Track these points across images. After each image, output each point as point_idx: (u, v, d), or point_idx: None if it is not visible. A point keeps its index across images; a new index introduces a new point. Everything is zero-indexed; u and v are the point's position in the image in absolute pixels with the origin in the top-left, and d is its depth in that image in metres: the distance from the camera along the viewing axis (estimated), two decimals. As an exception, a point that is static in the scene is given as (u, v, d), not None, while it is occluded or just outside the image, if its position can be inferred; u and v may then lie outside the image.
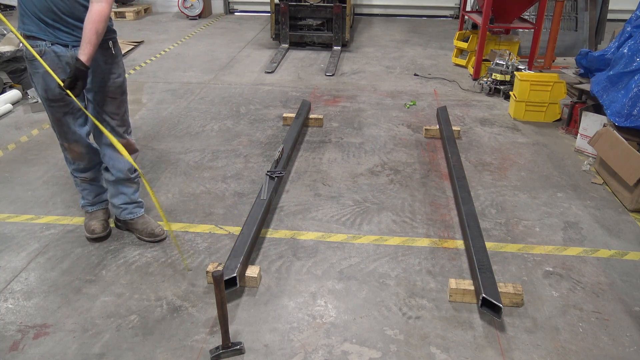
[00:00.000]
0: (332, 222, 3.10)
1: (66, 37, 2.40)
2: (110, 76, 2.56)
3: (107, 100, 2.58)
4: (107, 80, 2.55)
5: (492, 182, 3.58)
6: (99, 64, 2.49)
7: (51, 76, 2.37)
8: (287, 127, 4.37)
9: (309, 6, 6.84)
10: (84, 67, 2.29)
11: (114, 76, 2.57)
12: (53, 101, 2.51)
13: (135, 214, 2.89)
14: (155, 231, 2.87)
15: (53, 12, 2.33)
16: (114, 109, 2.62)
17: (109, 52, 2.53)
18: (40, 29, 2.37)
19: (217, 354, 2.12)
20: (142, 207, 2.93)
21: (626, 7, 8.25)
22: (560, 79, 4.55)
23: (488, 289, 2.33)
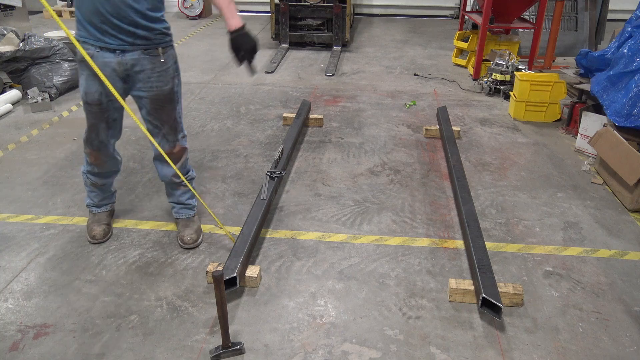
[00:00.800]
0: (332, 222, 3.10)
1: (113, 40, 2.33)
2: (157, 84, 2.47)
3: (155, 108, 2.53)
4: (154, 88, 2.48)
5: (492, 182, 3.58)
6: (147, 70, 2.43)
7: (92, 80, 2.40)
8: (287, 127, 4.37)
9: (309, 6, 6.84)
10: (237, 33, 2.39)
11: (161, 84, 2.48)
12: (90, 105, 2.50)
13: (180, 214, 2.90)
14: (185, 239, 2.82)
15: (100, 14, 2.28)
16: (163, 116, 2.56)
17: (158, 59, 2.44)
18: (89, 34, 2.35)
19: (217, 354, 2.12)
20: (191, 210, 2.91)
21: (626, 7, 8.25)
22: (560, 79, 4.55)
23: (488, 289, 2.33)
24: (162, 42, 2.44)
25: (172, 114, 2.60)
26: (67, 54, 5.19)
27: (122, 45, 2.35)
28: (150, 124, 2.60)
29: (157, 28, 2.39)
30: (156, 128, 2.61)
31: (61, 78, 5.06)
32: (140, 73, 2.42)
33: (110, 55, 2.36)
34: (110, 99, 2.48)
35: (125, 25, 2.31)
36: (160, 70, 2.46)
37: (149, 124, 2.60)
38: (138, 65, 2.40)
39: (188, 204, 2.91)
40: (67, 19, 8.89)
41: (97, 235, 2.86)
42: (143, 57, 2.39)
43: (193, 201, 2.94)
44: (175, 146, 2.68)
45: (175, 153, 2.69)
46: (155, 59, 2.43)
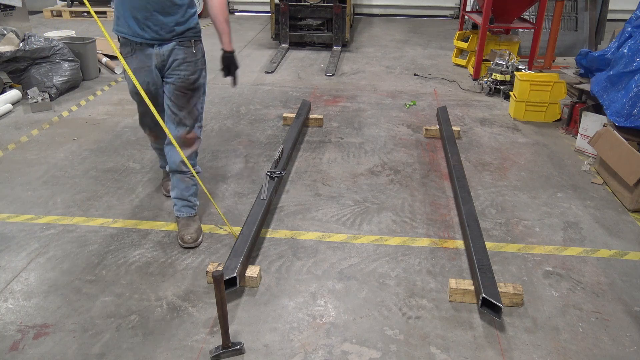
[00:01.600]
0: (332, 222, 3.10)
1: (153, 35, 2.58)
2: (185, 73, 2.70)
3: (177, 93, 2.72)
4: (181, 76, 2.70)
5: (492, 182, 3.58)
6: (179, 59, 2.67)
7: (139, 73, 2.67)
8: (287, 127, 4.37)
9: (309, 6, 6.84)
10: (230, 54, 2.77)
11: (188, 73, 2.71)
12: (138, 95, 2.71)
13: (181, 212, 2.93)
14: (185, 238, 2.84)
15: (146, 9, 2.49)
16: (183, 102, 2.75)
17: (190, 50, 2.71)
18: (130, 30, 2.57)
19: (217, 354, 2.12)
20: (192, 209, 2.95)
21: (626, 7, 8.26)
22: (560, 79, 4.55)
23: (488, 289, 2.33)
24: (195, 36, 2.72)
25: (193, 101, 2.79)
26: (67, 54, 5.19)
27: (160, 40, 2.60)
28: (171, 109, 2.77)
29: (192, 22, 2.68)
30: (175, 113, 2.77)
31: (61, 78, 5.05)
32: (174, 62, 2.67)
33: (150, 49, 2.63)
34: (157, 87, 2.76)
35: (167, 21, 2.56)
36: (191, 61, 2.71)
37: (170, 109, 2.77)
38: (173, 55, 2.66)
39: (190, 201, 2.94)
40: (67, 19, 8.89)
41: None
42: (178, 47, 2.65)
43: (195, 199, 2.97)
44: (190, 132, 2.81)
45: (188, 138, 2.82)
46: (187, 50, 2.69)
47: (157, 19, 2.54)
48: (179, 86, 2.71)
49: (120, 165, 3.74)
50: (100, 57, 6.01)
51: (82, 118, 4.60)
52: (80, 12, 8.98)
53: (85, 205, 3.24)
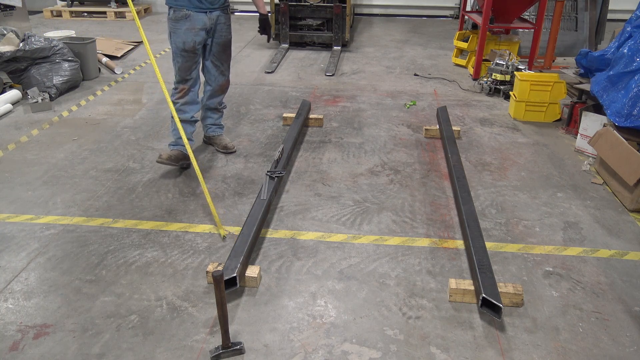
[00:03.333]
0: (332, 222, 3.10)
1: (207, 5, 3.36)
2: (225, 33, 3.55)
3: (221, 51, 3.58)
4: (223, 36, 3.54)
5: (492, 182, 3.58)
6: (222, 23, 3.49)
7: (189, 32, 3.35)
8: (287, 127, 4.37)
9: (309, 6, 6.84)
10: (265, 16, 3.76)
11: (228, 34, 3.57)
12: (187, 52, 3.41)
13: (216, 132, 3.97)
14: (228, 145, 3.91)
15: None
16: (224, 56, 3.65)
17: (228, 17, 3.56)
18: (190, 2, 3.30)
19: (217, 354, 2.12)
20: (222, 129, 4.00)
21: (626, 7, 8.26)
22: (560, 79, 4.55)
23: (488, 289, 2.33)
24: (229, 5, 3.58)
25: (230, 54, 3.70)
26: (67, 54, 5.19)
27: (212, 7, 3.40)
28: (214, 64, 3.62)
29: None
30: (217, 67, 3.64)
31: (61, 78, 5.05)
32: (219, 25, 3.48)
33: (203, 15, 3.38)
34: (200, 46, 3.46)
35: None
36: (228, 24, 3.57)
37: (213, 64, 3.62)
38: (219, 20, 3.46)
39: (221, 124, 3.99)
40: (67, 19, 8.89)
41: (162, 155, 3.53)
42: (221, 14, 3.46)
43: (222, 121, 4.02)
44: (228, 80, 3.79)
45: (226, 85, 3.79)
46: (227, 17, 3.55)
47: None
48: (222, 44, 3.55)
49: (120, 165, 3.74)
50: (100, 57, 6.01)
51: (82, 118, 4.60)
52: (80, 12, 8.97)
53: (85, 205, 3.24)
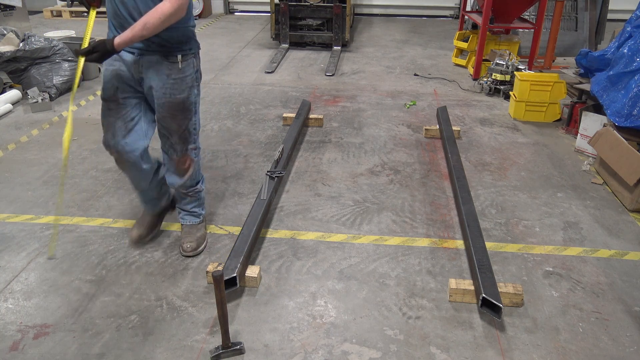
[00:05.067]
0: (332, 222, 3.10)
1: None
2: (172, 92, 2.44)
3: (166, 115, 2.49)
4: (167, 96, 2.44)
5: (492, 182, 3.58)
6: (162, 76, 2.41)
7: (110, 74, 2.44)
8: (287, 127, 4.37)
9: (309, 6, 6.84)
10: (109, 47, 2.20)
11: (176, 92, 2.44)
12: (107, 101, 2.49)
13: (184, 220, 2.85)
14: (183, 246, 2.76)
15: (118, 17, 2.31)
16: (173, 125, 2.52)
17: (175, 66, 2.41)
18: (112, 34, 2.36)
19: (217, 354, 2.12)
20: (196, 217, 2.84)
21: (626, 7, 8.25)
22: (560, 79, 4.55)
23: (488, 289, 2.33)
24: (182, 50, 2.42)
25: (184, 123, 2.54)
26: (67, 54, 5.19)
27: (139, 49, 2.36)
28: (160, 131, 2.58)
29: (174, 35, 2.36)
30: (164, 136, 2.58)
31: (61, 78, 5.05)
32: (156, 77, 2.41)
33: (129, 55, 2.39)
34: (126, 96, 2.47)
35: None
36: (177, 78, 2.43)
37: (159, 131, 2.59)
38: (154, 69, 2.40)
39: (194, 212, 2.84)
40: (67, 19, 8.89)
41: (132, 237, 2.80)
42: (160, 61, 2.39)
43: (200, 209, 2.86)
44: (181, 157, 2.62)
45: (180, 163, 2.63)
46: (172, 66, 2.40)
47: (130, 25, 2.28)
48: (165, 106, 2.46)
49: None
50: (100, 57, 6.00)
51: (82, 118, 4.60)
52: (80, 12, 8.98)
53: (85, 205, 3.23)
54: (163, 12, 2.17)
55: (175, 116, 2.49)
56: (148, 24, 2.16)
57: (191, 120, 2.57)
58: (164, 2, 2.18)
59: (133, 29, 2.18)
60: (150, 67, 2.39)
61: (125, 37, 2.19)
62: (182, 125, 2.54)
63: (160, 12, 2.17)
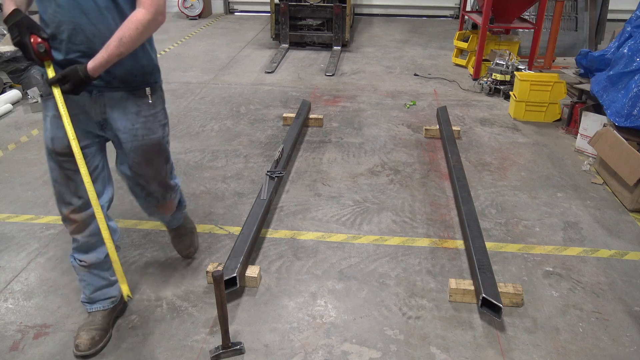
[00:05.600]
0: (332, 222, 3.10)
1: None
2: (144, 132, 2.03)
3: (140, 162, 2.08)
4: (140, 138, 2.03)
5: (492, 182, 3.58)
6: (131, 115, 1.98)
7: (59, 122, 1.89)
8: (287, 127, 4.37)
9: (309, 6, 6.84)
10: (83, 74, 1.78)
11: (149, 132, 2.04)
12: (60, 155, 1.98)
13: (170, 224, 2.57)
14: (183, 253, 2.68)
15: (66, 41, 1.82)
16: (150, 171, 2.12)
17: (145, 101, 2.00)
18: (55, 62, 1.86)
19: (217, 354, 2.12)
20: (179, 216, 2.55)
21: (626, 7, 8.25)
22: (560, 79, 4.55)
23: (488, 289, 2.33)
24: (149, 83, 2.02)
25: (162, 168, 2.16)
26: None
27: (97, 86, 1.89)
28: (133, 181, 2.15)
29: (140, 65, 1.96)
30: (139, 185, 2.17)
31: (61, 78, 5.05)
32: (123, 118, 1.97)
33: (85, 94, 1.90)
34: (86, 144, 2.00)
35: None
36: (148, 115, 2.02)
37: (131, 181, 2.16)
38: (119, 108, 1.96)
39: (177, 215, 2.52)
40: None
41: (80, 345, 2.10)
42: (126, 97, 1.96)
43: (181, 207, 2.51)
44: (160, 203, 2.28)
45: (163, 209, 2.33)
46: (141, 102, 1.99)
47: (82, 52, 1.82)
48: (139, 150, 2.04)
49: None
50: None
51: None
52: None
53: (85, 205, 3.23)
54: (139, 21, 1.79)
55: (151, 161, 2.10)
56: (124, 38, 1.78)
57: (169, 162, 2.22)
58: (138, 10, 1.80)
59: (107, 47, 1.78)
60: (114, 107, 1.95)
61: (99, 60, 1.78)
62: (160, 170, 2.16)
63: (136, 22, 1.79)
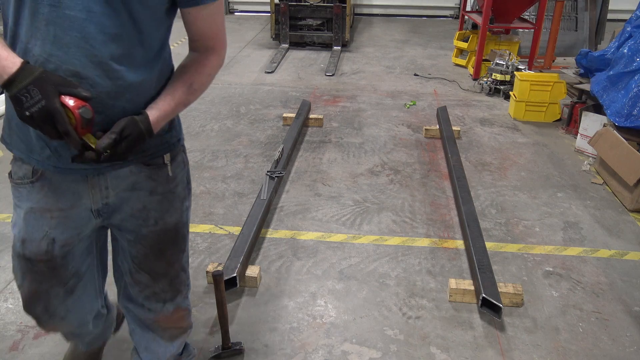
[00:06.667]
0: (332, 222, 3.10)
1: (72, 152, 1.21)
2: (157, 215, 1.46)
3: (148, 253, 1.50)
4: (152, 223, 1.47)
5: (492, 182, 3.58)
6: (143, 194, 1.42)
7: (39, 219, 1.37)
8: (287, 127, 4.37)
9: (309, 6, 6.84)
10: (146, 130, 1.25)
11: (165, 215, 1.48)
12: (32, 262, 1.43)
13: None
14: None
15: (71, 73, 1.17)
16: (161, 266, 1.54)
17: (162, 173, 1.44)
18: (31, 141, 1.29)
19: (217, 354, 2.12)
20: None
21: (626, 7, 8.25)
22: (560, 79, 4.55)
23: (488, 289, 2.33)
24: (170, 144, 1.44)
25: (177, 260, 1.57)
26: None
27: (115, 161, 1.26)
28: (135, 279, 1.56)
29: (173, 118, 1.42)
30: (140, 284, 1.56)
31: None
32: (135, 199, 1.42)
33: (77, 177, 1.34)
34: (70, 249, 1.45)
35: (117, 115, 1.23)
36: (165, 192, 1.46)
37: (133, 279, 1.56)
38: (126, 186, 1.40)
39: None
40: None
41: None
42: (137, 171, 1.40)
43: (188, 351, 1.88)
44: (174, 312, 1.62)
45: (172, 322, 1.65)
46: (158, 174, 1.43)
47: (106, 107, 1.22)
48: (149, 240, 1.48)
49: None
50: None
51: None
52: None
53: (85, 205, 3.23)
54: (214, 67, 1.40)
55: (164, 251, 1.52)
56: (195, 84, 1.36)
57: (185, 253, 1.60)
58: (212, 54, 1.39)
59: (173, 93, 1.32)
60: (119, 187, 1.39)
61: (165, 109, 1.30)
62: (173, 263, 1.57)
63: (211, 68, 1.39)
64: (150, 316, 1.61)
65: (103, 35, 1.17)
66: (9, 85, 1.10)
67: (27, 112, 1.10)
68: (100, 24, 1.16)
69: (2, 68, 1.10)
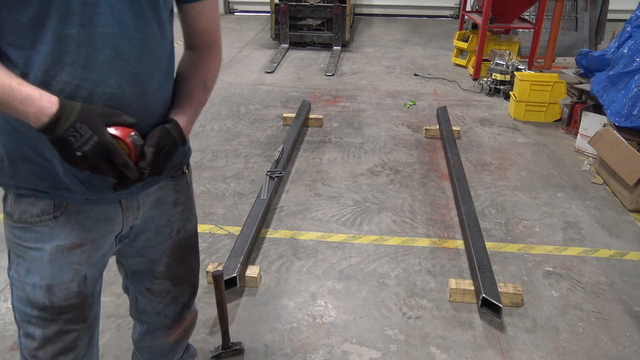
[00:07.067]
0: (332, 222, 3.10)
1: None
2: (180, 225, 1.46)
3: (171, 262, 1.48)
4: (175, 233, 1.46)
5: (492, 182, 3.58)
6: (165, 208, 1.40)
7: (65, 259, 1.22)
8: (287, 127, 4.36)
9: (309, 6, 6.84)
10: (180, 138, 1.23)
11: (187, 223, 1.50)
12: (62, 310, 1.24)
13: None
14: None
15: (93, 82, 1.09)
16: (184, 271, 1.53)
17: (183, 182, 1.43)
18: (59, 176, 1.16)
19: (217, 354, 2.12)
20: None
21: (626, 7, 8.25)
22: (560, 79, 4.55)
23: (488, 289, 2.33)
24: (189, 152, 1.46)
25: (196, 263, 1.61)
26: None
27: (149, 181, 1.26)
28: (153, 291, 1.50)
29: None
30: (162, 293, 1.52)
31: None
32: (156, 215, 1.39)
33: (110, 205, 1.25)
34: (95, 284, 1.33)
35: None
36: (185, 201, 1.47)
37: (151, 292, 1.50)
38: (152, 203, 1.36)
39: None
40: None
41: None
42: (163, 186, 1.37)
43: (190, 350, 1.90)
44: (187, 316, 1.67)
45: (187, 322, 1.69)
46: (179, 185, 1.43)
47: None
48: (175, 249, 1.47)
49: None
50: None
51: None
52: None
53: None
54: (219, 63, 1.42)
55: (186, 257, 1.53)
56: (208, 82, 1.38)
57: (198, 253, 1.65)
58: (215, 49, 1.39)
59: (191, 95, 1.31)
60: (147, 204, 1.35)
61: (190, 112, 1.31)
62: (194, 267, 1.59)
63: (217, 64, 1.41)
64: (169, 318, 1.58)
65: (135, 49, 1.11)
66: (53, 127, 0.99)
67: (78, 152, 1.01)
68: (131, 38, 1.10)
69: (40, 110, 0.98)
